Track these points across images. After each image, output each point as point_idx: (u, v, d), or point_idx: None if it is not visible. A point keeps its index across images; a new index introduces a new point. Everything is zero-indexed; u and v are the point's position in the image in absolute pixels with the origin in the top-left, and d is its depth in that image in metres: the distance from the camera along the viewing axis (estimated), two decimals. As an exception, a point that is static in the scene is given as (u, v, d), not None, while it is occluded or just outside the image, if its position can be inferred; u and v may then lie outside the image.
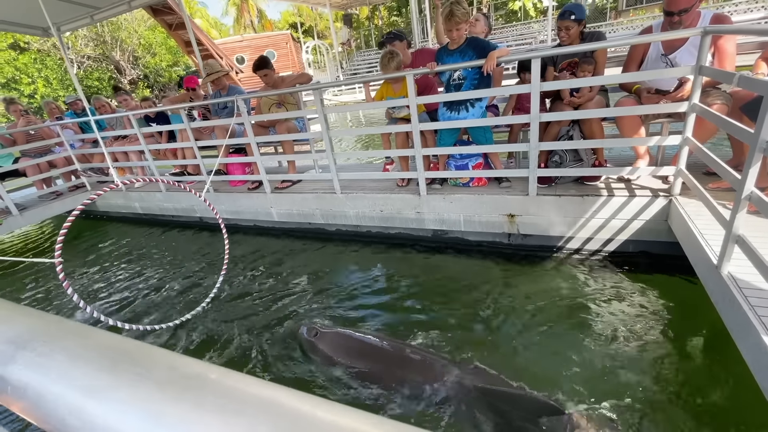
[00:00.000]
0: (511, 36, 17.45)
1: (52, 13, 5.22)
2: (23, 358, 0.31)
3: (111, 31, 19.30)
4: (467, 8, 2.81)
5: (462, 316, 2.72)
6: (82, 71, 19.56)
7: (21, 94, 18.13)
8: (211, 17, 30.99)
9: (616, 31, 14.36)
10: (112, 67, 20.55)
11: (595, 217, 2.96)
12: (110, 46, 19.75)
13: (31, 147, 5.31)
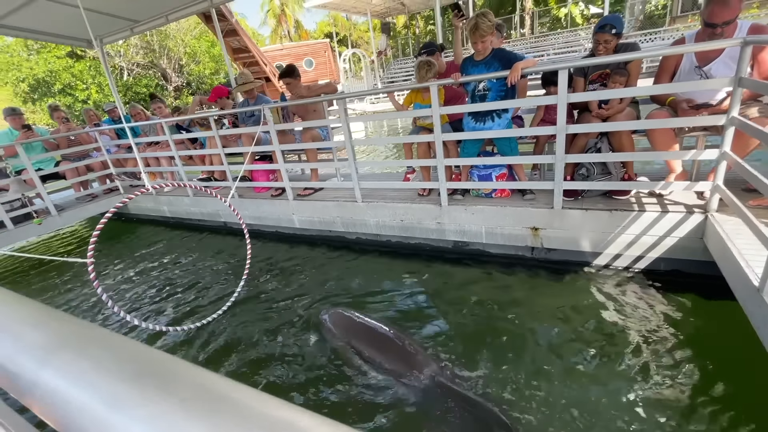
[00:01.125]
0: (557, 43, 17.06)
1: (96, 27, 5.55)
2: (53, 363, 0.31)
3: (160, 40, 20.22)
4: (493, 20, 2.80)
5: (480, 331, 2.65)
6: (131, 78, 20.55)
7: (75, 99, 19.18)
8: (249, 27, 32.18)
9: (673, 37, 13.80)
10: (159, 75, 21.49)
11: (625, 233, 2.84)
12: (158, 54, 20.70)
13: (71, 151, 5.61)
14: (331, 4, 17.62)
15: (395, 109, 3.66)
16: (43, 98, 19.06)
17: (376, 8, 18.47)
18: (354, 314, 2.75)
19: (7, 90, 19.64)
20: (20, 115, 5.40)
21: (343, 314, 2.79)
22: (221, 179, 5.15)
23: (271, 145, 4.16)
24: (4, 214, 4.76)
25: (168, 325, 3.07)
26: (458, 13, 3.22)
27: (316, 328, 2.87)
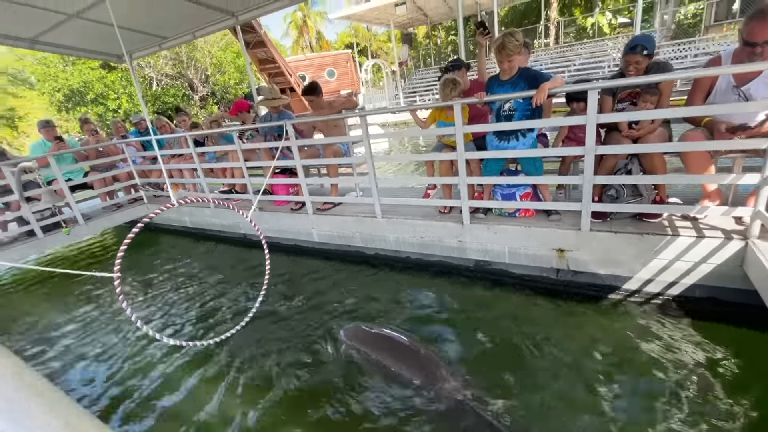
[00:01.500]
0: (583, 54, 16.77)
1: (126, 43, 5.75)
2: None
3: (188, 51, 20.92)
4: (520, 40, 2.77)
5: (501, 354, 2.58)
6: (160, 88, 21.27)
7: (107, 109, 19.94)
8: (272, 38, 33.06)
9: (707, 47, 13.39)
10: (186, 85, 22.17)
11: (657, 257, 2.73)
12: (185, 65, 21.40)
13: (99, 162, 5.78)
14: (354, 15, 17.95)
15: (418, 126, 3.65)
16: (76, 107, 19.84)
17: (399, 19, 18.73)
18: (372, 328, 2.82)
19: (44, 99, 20.55)
20: (53, 127, 5.60)
21: (360, 329, 2.84)
22: (242, 192, 5.21)
23: (292, 160, 4.19)
24: (35, 223, 4.92)
25: (188, 340, 3.08)
26: (483, 31, 3.21)
27: (334, 345, 2.85)
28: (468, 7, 19.26)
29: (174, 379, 2.85)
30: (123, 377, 2.98)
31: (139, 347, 3.30)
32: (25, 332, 3.88)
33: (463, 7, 19.20)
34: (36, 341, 3.67)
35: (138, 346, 3.32)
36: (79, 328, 3.79)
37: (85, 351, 3.41)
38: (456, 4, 18.17)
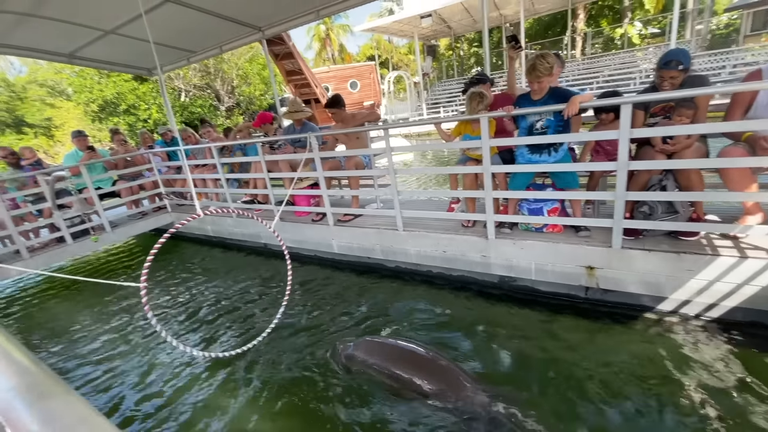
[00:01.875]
0: (612, 65, 16.52)
1: (158, 57, 5.97)
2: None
3: (215, 63, 21.62)
4: (551, 62, 2.76)
5: (524, 376, 2.48)
6: (188, 99, 21.97)
7: (138, 119, 20.68)
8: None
9: (744, 57, 13.02)
10: (213, 96, 22.83)
11: (694, 277, 2.61)
12: (213, 76, 22.08)
13: (127, 171, 5.96)
14: (379, 27, 18.28)
15: (442, 139, 3.63)
16: (109, 117, 20.64)
17: (423, 31, 19.00)
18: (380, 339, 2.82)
19: (79, 110, 21.52)
20: (85, 137, 5.82)
21: (369, 342, 2.79)
22: (264, 202, 5.27)
23: (315, 172, 4.22)
24: (65, 230, 5.07)
25: (208, 349, 3.09)
26: (515, 45, 3.21)
27: (342, 361, 2.79)
28: (492, 19, 19.37)
29: (192, 388, 2.85)
30: (141, 383, 3.01)
31: (160, 355, 3.33)
32: (49, 337, 3.97)
33: (488, 20, 19.42)
34: (59, 346, 3.74)
35: (159, 353, 3.35)
36: (102, 334, 3.86)
37: (105, 356, 3.46)
38: (480, 16, 18.38)
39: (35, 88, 24.01)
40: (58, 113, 23.33)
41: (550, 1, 17.46)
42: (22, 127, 24.54)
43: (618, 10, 22.09)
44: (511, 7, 17.29)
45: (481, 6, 3.93)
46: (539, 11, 19.38)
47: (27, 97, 24.34)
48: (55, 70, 22.29)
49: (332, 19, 31.03)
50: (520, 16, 15.55)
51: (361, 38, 35.39)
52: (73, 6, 4.56)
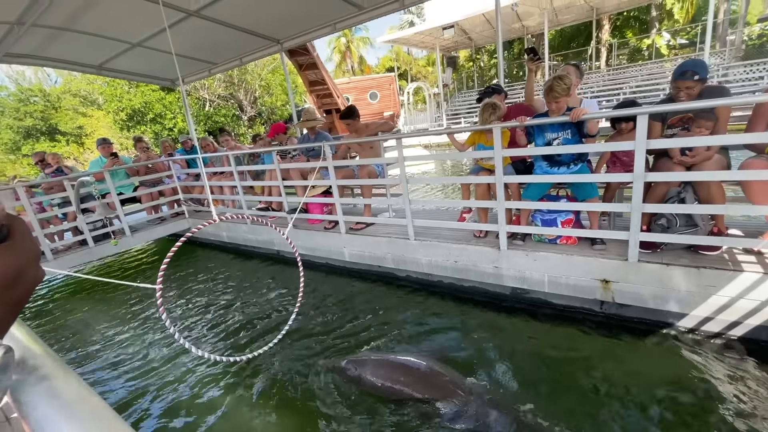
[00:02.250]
0: (640, 76, 16.09)
1: (181, 68, 6.19)
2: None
3: (239, 74, 22.21)
4: (568, 83, 2.77)
5: (534, 390, 2.41)
6: (212, 109, 22.59)
7: (163, 127, 21.38)
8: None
9: None
10: (236, 106, 23.39)
11: (716, 294, 2.51)
12: (236, 87, 22.68)
13: (148, 178, 6.16)
14: (401, 39, 18.52)
15: (456, 148, 3.64)
16: (137, 126, 21.38)
17: (444, 43, 19.16)
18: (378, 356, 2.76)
19: (109, 118, 22.33)
20: (110, 145, 6.05)
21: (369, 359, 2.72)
22: (278, 209, 5.35)
23: (328, 180, 4.28)
24: (88, 233, 5.25)
25: (222, 354, 3.12)
26: (533, 57, 3.23)
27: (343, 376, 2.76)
28: (514, 31, 19.33)
29: (201, 389, 2.89)
30: (150, 382, 3.07)
31: (171, 355, 3.39)
32: (68, 334, 4.09)
33: (509, 32, 19.39)
34: (77, 342, 3.85)
35: (171, 354, 3.41)
36: (118, 333, 3.95)
37: (118, 353, 3.56)
38: (502, 29, 18.42)
39: (69, 98, 25.09)
40: (88, 122, 24.20)
41: (574, 12, 17.29)
42: (56, 134, 25.71)
43: (644, 21, 21.75)
44: (534, 18, 17.23)
45: (496, 17, 3.96)
46: (562, 22, 19.22)
47: (61, 106, 25.51)
48: (87, 81, 23.27)
49: (352, 31, 31.60)
50: (542, 28, 15.51)
51: (381, 50, 36.02)
52: (103, 20, 4.80)
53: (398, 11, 4.87)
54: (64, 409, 0.32)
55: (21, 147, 25.01)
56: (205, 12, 4.79)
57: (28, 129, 25.23)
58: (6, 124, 24.81)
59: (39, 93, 25.95)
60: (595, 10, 17.18)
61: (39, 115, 25.35)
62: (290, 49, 10.00)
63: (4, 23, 4.50)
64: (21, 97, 25.29)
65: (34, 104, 25.51)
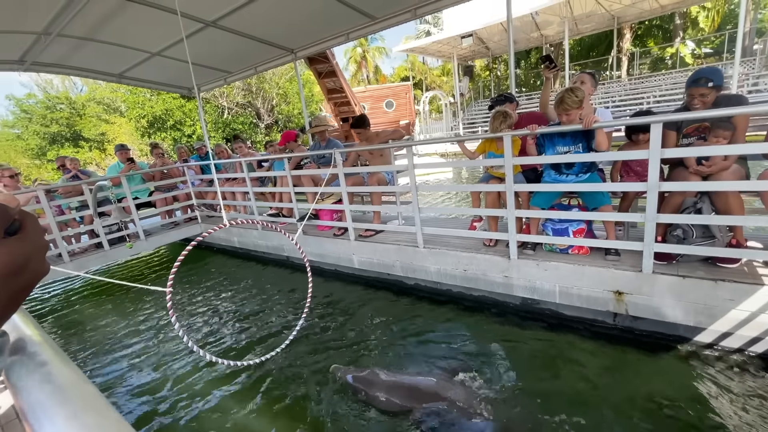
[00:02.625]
0: (663, 85, 15.55)
1: (197, 77, 6.36)
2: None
3: (258, 82, 22.60)
4: (580, 96, 2.75)
5: (543, 403, 2.34)
6: (230, 116, 22.99)
7: (183, 134, 21.88)
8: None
9: None
10: (254, 113, 23.75)
11: (736, 308, 2.43)
12: (254, 95, 23.07)
13: (163, 183, 6.29)
14: (418, 48, 18.54)
15: (466, 156, 3.63)
16: (157, 132, 21.85)
17: (461, 52, 19.11)
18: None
19: (131, 125, 22.94)
20: (127, 150, 6.20)
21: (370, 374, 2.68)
22: (289, 215, 5.40)
23: (338, 187, 4.30)
24: (104, 236, 5.37)
25: (227, 357, 3.14)
26: (549, 65, 3.22)
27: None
28: (532, 40, 19.14)
29: (206, 392, 2.91)
30: (157, 383, 3.11)
31: (179, 357, 3.41)
32: (81, 333, 4.16)
33: (521, 41, 19.26)
34: (88, 341, 3.91)
35: (178, 356, 3.43)
36: (128, 334, 4.01)
37: (127, 354, 3.61)
38: (520, 37, 18.15)
39: (93, 105, 25.89)
40: (111, 128, 24.84)
41: (594, 21, 16.90)
42: (79, 140, 26.60)
43: (667, 30, 21.33)
44: (553, 27, 16.98)
45: (508, 27, 3.97)
46: (582, 32, 18.83)
47: (85, 113, 26.40)
48: (111, 89, 24.02)
49: (368, 41, 31.96)
50: (561, 37, 15.30)
51: (396, 60, 36.30)
52: (124, 31, 4.97)
53: (411, 21, 4.92)
54: (57, 394, 0.32)
55: (47, 152, 25.88)
56: (222, 22, 4.92)
57: (53, 135, 25.96)
58: (33, 131, 25.64)
59: (65, 100, 26.89)
60: (616, 19, 16.80)
61: (64, 121, 26.25)
62: (310, 57, 9.63)
63: (32, 33, 4.69)
64: (48, 105, 26.20)
65: (60, 111, 26.37)
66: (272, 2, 4.50)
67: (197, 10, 4.60)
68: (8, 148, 27.34)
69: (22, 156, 26.99)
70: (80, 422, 0.30)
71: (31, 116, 25.80)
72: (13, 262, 0.35)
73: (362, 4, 4.67)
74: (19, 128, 26.73)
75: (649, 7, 15.18)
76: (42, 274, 0.39)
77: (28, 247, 0.37)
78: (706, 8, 18.68)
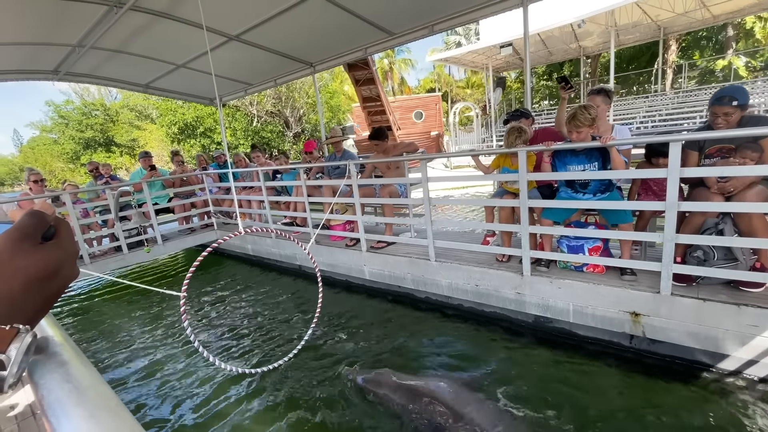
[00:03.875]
0: (671, 104, 14.69)
1: (220, 88, 6.58)
2: None
3: (287, 92, 22.68)
4: (593, 114, 2.75)
5: (553, 425, 2.27)
6: (259, 124, 23.09)
7: (212, 141, 22.15)
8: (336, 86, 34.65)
9: None
10: (283, 122, 23.83)
11: (761, 335, 2.33)
12: (284, 104, 23.19)
13: (182, 190, 6.46)
14: (452, 58, 17.92)
15: (480, 171, 3.64)
16: (187, 139, 22.08)
17: (496, 63, 18.54)
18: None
19: (161, 131, 23.33)
20: (150, 157, 6.42)
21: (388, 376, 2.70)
22: (302, 225, 5.46)
23: (352, 198, 4.34)
24: (123, 240, 5.52)
25: (237, 365, 3.16)
26: (565, 85, 3.24)
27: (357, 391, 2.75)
28: (569, 52, 18.10)
29: (214, 397, 2.94)
30: (167, 385, 3.16)
31: (189, 361, 3.46)
32: (96, 333, 4.26)
33: (558, 52, 18.61)
34: (103, 340, 4.00)
35: (189, 360, 3.48)
36: (141, 336, 4.10)
37: (139, 354, 3.69)
38: (557, 48, 17.45)
39: (126, 111, 26.75)
40: (142, 135, 25.48)
41: (639, 31, 15.63)
42: (111, 146, 27.55)
43: (719, 41, 20.03)
44: (592, 39, 16.07)
45: (525, 41, 3.98)
46: (624, 42, 17.38)
47: (118, 120, 27.37)
48: (144, 97, 24.53)
49: (395, 53, 31.99)
50: (599, 48, 14.39)
51: (422, 72, 36.55)
52: (152, 44, 5.20)
53: (428, 36, 4.99)
54: (76, 394, 0.34)
55: (80, 156, 26.79)
56: (245, 36, 5.10)
57: (87, 140, 26.94)
58: (69, 135, 26.68)
59: (100, 107, 27.97)
60: (662, 29, 15.53)
61: (98, 127, 27.27)
62: (350, 64, 9.46)
63: (67, 45, 4.95)
64: (84, 111, 27.28)
65: (95, 117, 27.48)
66: (293, 18, 4.64)
67: (222, 25, 4.79)
68: (45, 152, 28.55)
69: (57, 160, 28.12)
70: (96, 422, 0.32)
71: (68, 122, 26.95)
72: (48, 267, 0.37)
73: (380, 20, 4.78)
74: (56, 133, 27.86)
75: (701, 17, 13.93)
76: (72, 278, 0.41)
77: (62, 252, 0.39)
78: (763, 18, 17.17)
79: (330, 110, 24.21)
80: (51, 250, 0.38)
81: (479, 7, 4.29)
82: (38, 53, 5.08)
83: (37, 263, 0.36)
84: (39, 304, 0.36)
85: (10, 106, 72.77)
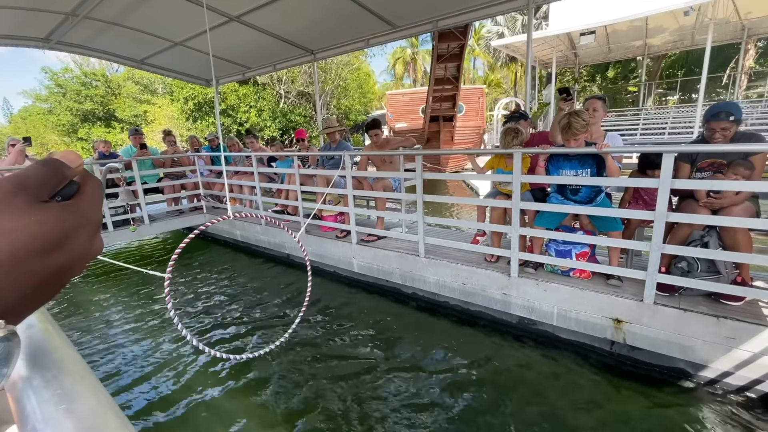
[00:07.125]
0: (755, 112, 12.35)
1: (217, 69, 6.44)
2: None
3: (321, 73, 19.80)
4: (587, 119, 2.75)
5: (530, 426, 2.31)
6: (287, 106, 20.99)
7: (234, 121, 19.40)
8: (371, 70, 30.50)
9: None
10: (312, 106, 21.58)
11: (738, 347, 2.38)
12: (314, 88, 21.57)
13: (173, 170, 6.34)
14: (513, 45, 14.79)
15: (476, 171, 3.63)
16: (204, 117, 19.72)
17: (557, 54, 15.53)
18: None
19: (176, 107, 20.73)
20: (141, 135, 6.29)
21: None
22: (293, 214, 5.41)
23: (345, 189, 4.31)
24: (109, 218, 5.41)
25: (221, 350, 3.13)
26: (566, 97, 3.27)
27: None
28: (631, 50, 16.13)
29: (195, 381, 2.91)
30: (148, 368, 3.13)
31: (171, 345, 3.42)
32: (76, 313, 4.18)
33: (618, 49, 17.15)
34: (83, 321, 3.93)
35: (172, 344, 3.43)
36: (123, 317, 4.03)
37: (120, 337, 3.63)
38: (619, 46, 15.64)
39: (130, 84, 24.19)
40: (151, 109, 22.73)
41: (719, 31, 12.56)
42: (111, 121, 25.20)
43: None
44: (662, 36, 13.95)
45: (527, 41, 3.99)
46: (697, 43, 14.51)
47: (120, 93, 25.03)
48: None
49: (419, 42, 30.51)
50: (666, 48, 13.27)
51: None
52: (149, 18, 5.06)
53: (432, 32, 4.96)
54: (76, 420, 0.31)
55: (77, 130, 24.34)
56: (246, 18, 5.00)
57: (86, 113, 24.79)
58: (66, 106, 24.48)
59: (101, 78, 25.51)
60: (746, 30, 13.01)
61: (99, 99, 24.92)
62: (440, 32, 7.28)
63: (60, 13, 4.79)
64: (83, 81, 25.17)
65: (96, 88, 25.09)
66: (296, 2, 4.56)
67: (223, 4, 4.68)
68: (38, 122, 25.81)
69: (51, 132, 25.49)
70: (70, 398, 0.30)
71: (66, 91, 24.85)
72: (46, 235, 0.25)
73: (384, 12, 4.72)
74: (52, 103, 25.41)
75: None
76: (88, 254, 0.30)
77: (73, 217, 0.28)
78: None
79: (363, 95, 22.46)
80: (56, 212, 0.27)
81: (484, 5, 4.27)
82: (29, 18, 4.92)
83: (29, 227, 0.25)
84: (28, 287, 0.25)
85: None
